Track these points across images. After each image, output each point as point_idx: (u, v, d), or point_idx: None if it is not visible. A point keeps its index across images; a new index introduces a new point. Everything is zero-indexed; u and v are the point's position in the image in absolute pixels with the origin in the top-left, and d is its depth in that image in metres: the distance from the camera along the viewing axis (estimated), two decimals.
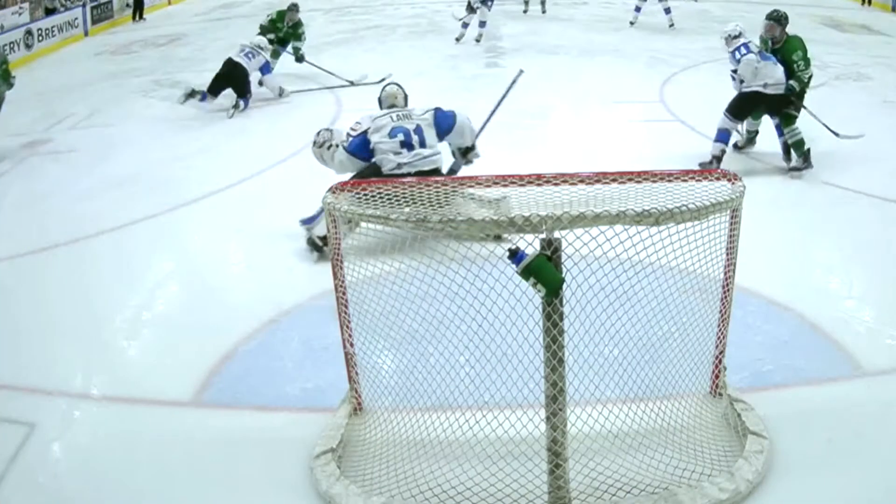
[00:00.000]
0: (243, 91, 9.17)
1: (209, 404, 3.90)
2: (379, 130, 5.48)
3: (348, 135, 5.58)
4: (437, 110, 5.66)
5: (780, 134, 6.70)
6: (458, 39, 12.38)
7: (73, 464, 3.56)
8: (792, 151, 6.63)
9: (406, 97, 5.86)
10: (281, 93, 9.67)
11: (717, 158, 6.53)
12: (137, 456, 3.55)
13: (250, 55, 9.34)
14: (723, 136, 6.62)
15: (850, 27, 13.23)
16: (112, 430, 3.76)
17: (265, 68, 9.53)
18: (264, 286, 4.99)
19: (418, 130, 5.51)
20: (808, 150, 6.57)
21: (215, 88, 9.19)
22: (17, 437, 3.67)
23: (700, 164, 6.28)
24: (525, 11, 14.42)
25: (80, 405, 3.96)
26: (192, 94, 9.12)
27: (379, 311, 3.55)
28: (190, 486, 3.37)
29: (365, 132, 5.52)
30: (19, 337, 4.53)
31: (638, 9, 13.44)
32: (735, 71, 6.77)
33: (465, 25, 12.34)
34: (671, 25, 13.08)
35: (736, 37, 6.81)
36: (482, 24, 12.25)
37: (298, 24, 10.66)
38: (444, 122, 5.63)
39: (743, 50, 6.70)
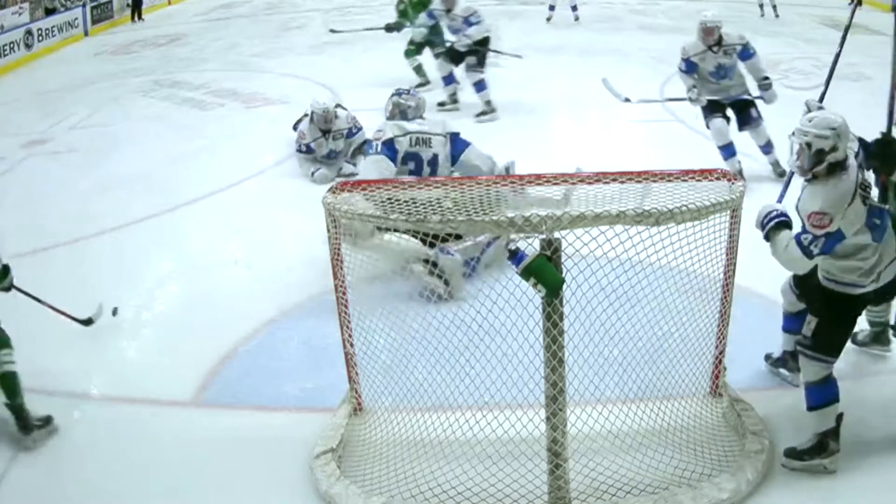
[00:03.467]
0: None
1: (209, 404, 3.90)
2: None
3: (373, 140, 5.12)
4: (454, 136, 5.16)
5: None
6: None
7: (73, 464, 3.56)
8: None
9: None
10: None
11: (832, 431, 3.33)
12: (137, 456, 3.55)
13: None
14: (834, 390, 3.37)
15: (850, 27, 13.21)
16: (112, 430, 3.76)
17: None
18: (264, 286, 4.99)
19: (433, 162, 5.04)
20: None
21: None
22: (17, 438, 3.67)
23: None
24: (548, 20, 13.65)
25: (80, 405, 3.96)
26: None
27: (379, 311, 3.55)
28: (190, 486, 3.37)
29: (392, 140, 5.02)
30: (20, 337, 4.52)
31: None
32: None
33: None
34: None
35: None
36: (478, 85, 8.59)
37: None
38: (455, 150, 5.13)
39: None
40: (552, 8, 13.42)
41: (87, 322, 4.50)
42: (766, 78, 6.37)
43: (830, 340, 3.31)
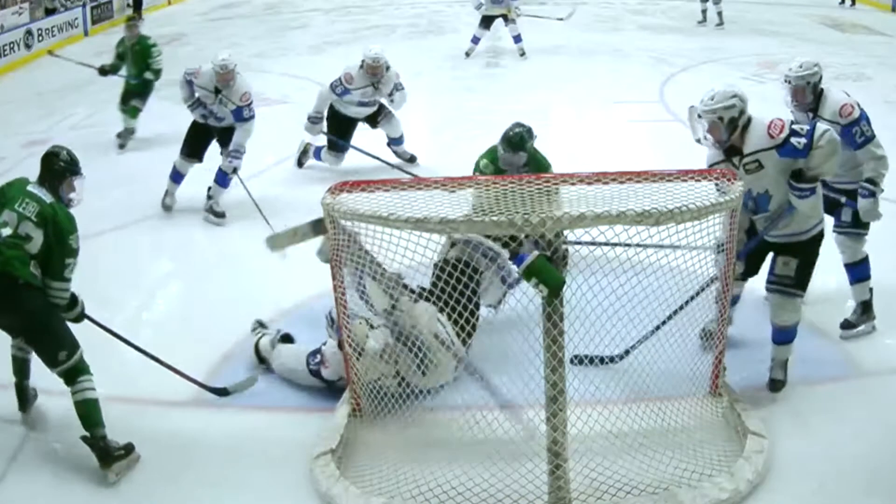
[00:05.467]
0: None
1: (209, 404, 3.89)
2: None
3: None
4: None
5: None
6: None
7: (72, 464, 3.56)
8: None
9: None
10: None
11: None
12: None
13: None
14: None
15: (850, 27, 13.23)
16: (112, 430, 3.75)
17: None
18: (264, 286, 4.98)
19: None
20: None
21: None
22: (17, 437, 3.68)
23: None
24: (468, 54, 11.48)
25: None
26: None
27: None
28: (190, 486, 3.38)
29: None
30: None
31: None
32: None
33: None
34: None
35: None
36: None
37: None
38: None
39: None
40: (475, 41, 11.40)
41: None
42: (873, 182, 4.10)
43: (807, 276, 3.76)
